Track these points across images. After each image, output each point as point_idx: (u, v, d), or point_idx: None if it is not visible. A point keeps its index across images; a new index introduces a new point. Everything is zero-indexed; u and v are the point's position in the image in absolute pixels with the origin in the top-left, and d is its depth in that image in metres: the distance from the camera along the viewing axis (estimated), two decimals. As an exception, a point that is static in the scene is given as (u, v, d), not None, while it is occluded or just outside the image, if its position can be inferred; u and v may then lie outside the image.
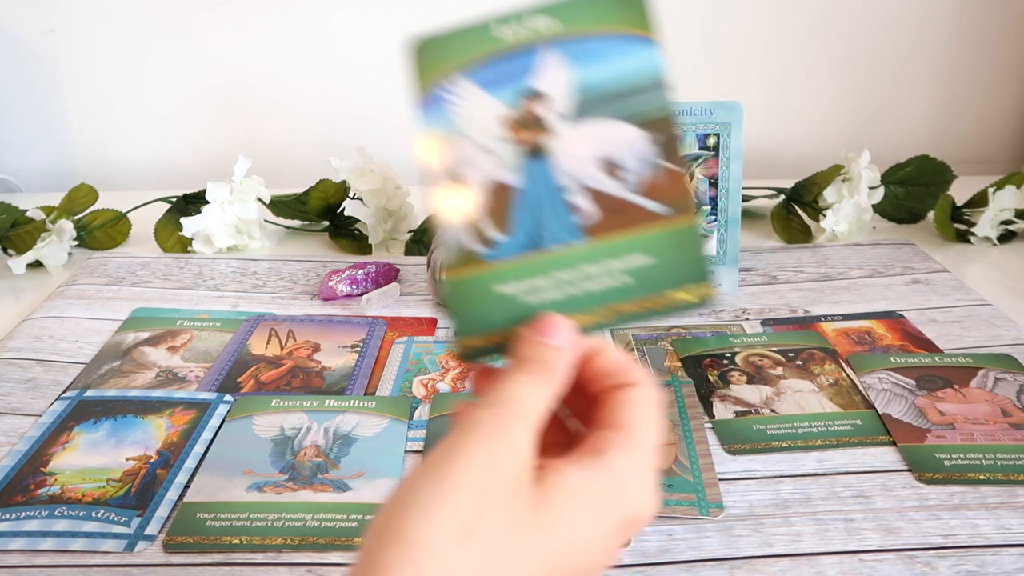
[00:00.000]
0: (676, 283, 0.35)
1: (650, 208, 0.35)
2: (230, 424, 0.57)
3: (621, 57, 0.35)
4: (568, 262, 0.35)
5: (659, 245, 0.35)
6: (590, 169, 0.35)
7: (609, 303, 0.35)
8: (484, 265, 0.35)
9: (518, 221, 0.35)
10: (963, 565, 0.45)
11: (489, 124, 0.35)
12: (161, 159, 1.09)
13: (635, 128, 0.35)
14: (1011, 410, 0.57)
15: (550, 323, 0.33)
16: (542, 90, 0.35)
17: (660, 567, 0.45)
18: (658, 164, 0.35)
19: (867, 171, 0.85)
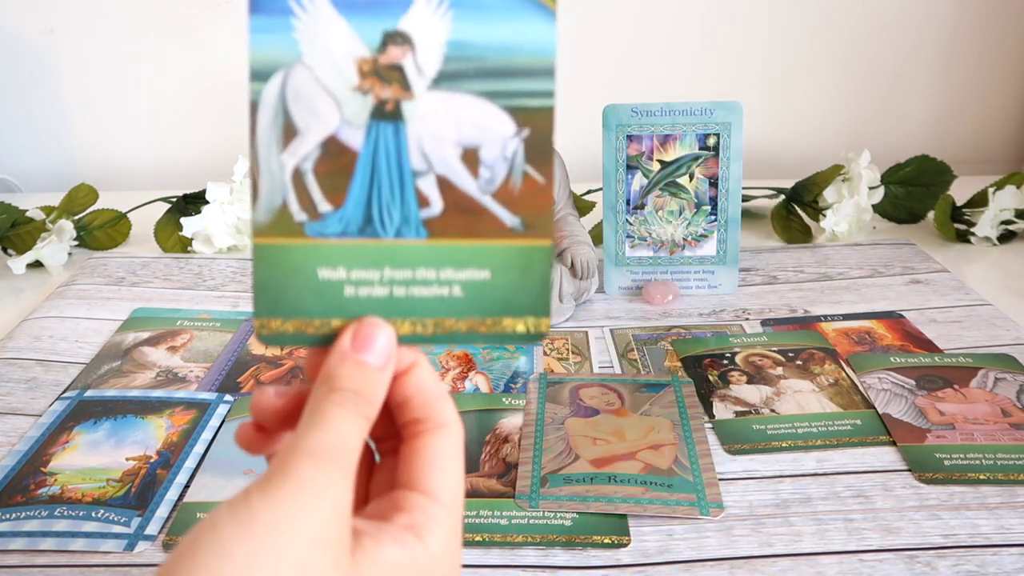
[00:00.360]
0: (511, 309, 0.31)
1: (502, 218, 0.30)
2: (230, 424, 0.57)
3: (511, 21, 0.30)
4: (403, 260, 0.30)
5: (503, 262, 0.30)
6: (447, 154, 0.30)
7: (436, 316, 0.30)
8: (305, 238, 0.30)
9: (353, 194, 0.30)
10: (963, 565, 0.45)
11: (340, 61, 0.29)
12: (161, 159, 1.09)
13: (508, 117, 0.30)
14: (1011, 410, 0.57)
15: (370, 333, 0.30)
16: (411, 36, 0.29)
17: (660, 567, 0.45)
18: (522, 168, 0.30)
19: (867, 171, 0.85)
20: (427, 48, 0.29)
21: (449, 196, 0.30)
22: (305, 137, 0.30)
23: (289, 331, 0.30)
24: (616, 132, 0.73)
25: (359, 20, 0.29)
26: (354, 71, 0.29)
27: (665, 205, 0.74)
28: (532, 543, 0.47)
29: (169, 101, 1.07)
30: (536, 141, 0.30)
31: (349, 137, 0.30)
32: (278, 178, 0.30)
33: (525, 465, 0.52)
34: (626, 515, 0.48)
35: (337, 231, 0.30)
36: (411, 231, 0.30)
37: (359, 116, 0.30)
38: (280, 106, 0.29)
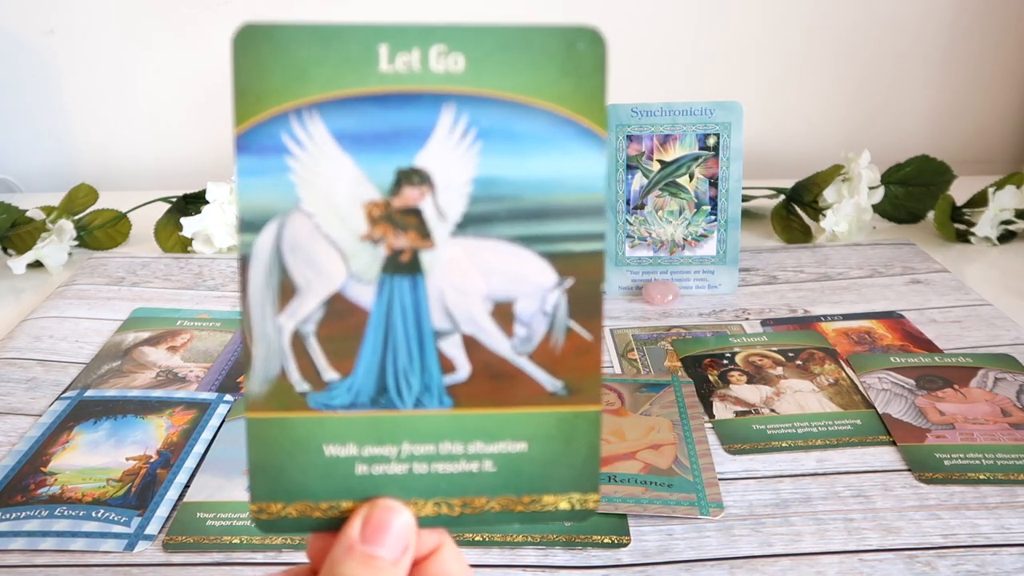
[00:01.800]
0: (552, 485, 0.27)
1: (541, 382, 0.26)
2: (230, 424, 0.57)
3: (551, 152, 0.25)
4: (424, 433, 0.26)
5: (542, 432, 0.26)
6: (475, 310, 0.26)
7: (464, 494, 0.26)
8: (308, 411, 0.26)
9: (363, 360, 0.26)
10: (963, 565, 0.45)
11: (345, 206, 0.25)
12: (161, 159, 1.09)
13: (547, 265, 0.26)
14: (1011, 410, 0.57)
15: (383, 520, 0.26)
16: (430, 174, 0.25)
17: (660, 567, 0.45)
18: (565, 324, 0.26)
19: (867, 171, 0.85)
20: (449, 188, 0.25)
21: (478, 359, 0.26)
22: (305, 296, 0.26)
23: (292, 515, 0.26)
24: (616, 132, 0.73)
25: (368, 157, 0.25)
26: (362, 217, 0.25)
27: (665, 205, 0.74)
28: (532, 543, 0.47)
29: (169, 101, 1.07)
30: (582, 292, 0.26)
31: (358, 294, 0.26)
32: (275, 344, 0.26)
33: (525, 465, 0.52)
34: (626, 515, 0.48)
35: (345, 403, 0.26)
36: (433, 400, 0.26)
37: (369, 270, 0.25)
38: (275, 261, 0.25)
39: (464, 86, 0.24)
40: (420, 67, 0.24)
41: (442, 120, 0.24)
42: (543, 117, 0.25)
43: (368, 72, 0.24)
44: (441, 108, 0.24)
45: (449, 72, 0.24)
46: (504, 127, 0.25)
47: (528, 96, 0.25)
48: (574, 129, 0.25)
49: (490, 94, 0.25)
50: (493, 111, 0.25)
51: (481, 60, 0.24)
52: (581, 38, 0.25)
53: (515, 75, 0.24)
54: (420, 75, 0.24)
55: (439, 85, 0.24)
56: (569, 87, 0.25)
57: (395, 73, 0.24)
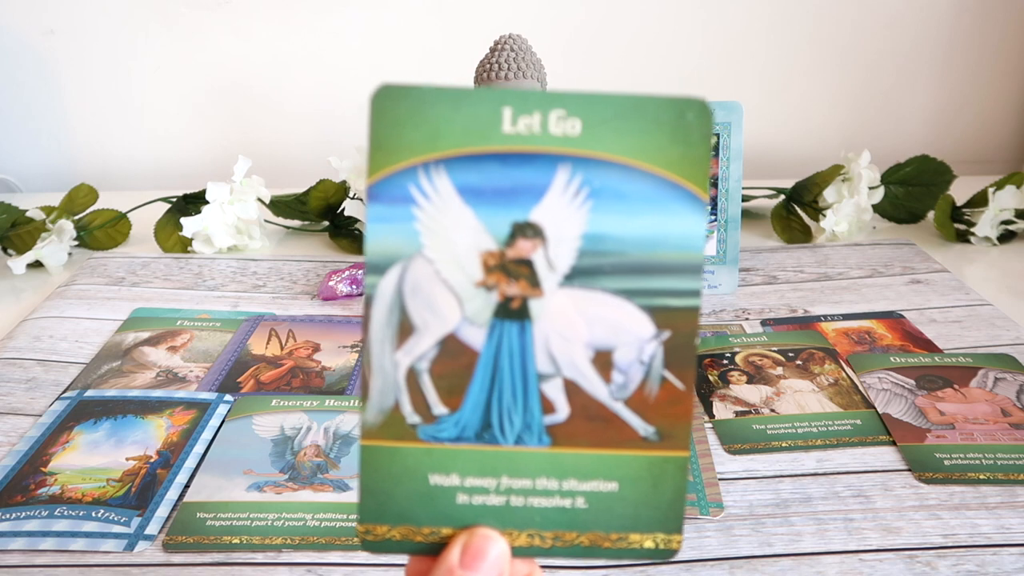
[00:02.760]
0: (639, 524, 0.28)
1: (635, 427, 0.28)
2: (230, 424, 0.57)
3: (656, 212, 0.27)
4: (522, 468, 0.28)
5: (632, 474, 0.28)
6: (577, 356, 0.28)
7: (556, 528, 0.28)
8: (417, 442, 0.28)
9: (471, 397, 0.28)
10: (963, 565, 0.45)
11: (463, 254, 0.27)
12: (161, 159, 1.09)
13: (646, 317, 0.27)
14: (1011, 410, 0.57)
15: (481, 548, 0.27)
16: (543, 228, 0.27)
17: (660, 567, 0.45)
18: (660, 374, 0.28)
19: (867, 171, 0.85)
20: (560, 242, 0.27)
21: (576, 402, 0.28)
22: (422, 335, 0.28)
23: (396, 538, 0.28)
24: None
25: (487, 210, 0.27)
26: (478, 265, 0.27)
27: (665, 205, 0.74)
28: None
29: (169, 101, 1.07)
30: (677, 344, 0.27)
31: (470, 336, 0.28)
32: (391, 378, 0.28)
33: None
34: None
35: (452, 436, 0.28)
36: (533, 438, 0.28)
37: (482, 314, 0.27)
38: (397, 301, 0.27)
39: (579, 148, 0.26)
40: (540, 130, 0.26)
41: (557, 179, 0.26)
42: (651, 180, 0.27)
43: (493, 133, 0.26)
44: (557, 168, 0.26)
45: (566, 135, 0.26)
46: (614, 188, 0.26)
47: (638, 160, 0.26)
48: (678, 192, 0.27)
49: (603, 157, 0.26)
50: (605, 172, 0.26)
51: (596, 125, 0.26)
52: (691, 108, 0.26)
53: (627, 140, 0.26)
54: (540, 137, 0.26)
55: (556, 147, 0.26)
56: (677, 154, 0.26)
57: (517, 134, 0.26)
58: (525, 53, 0.69)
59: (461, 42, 0.93)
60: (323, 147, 0.99)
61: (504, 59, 0.68)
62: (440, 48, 1.03)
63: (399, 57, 1.04)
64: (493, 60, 0.69)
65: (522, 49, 0.69)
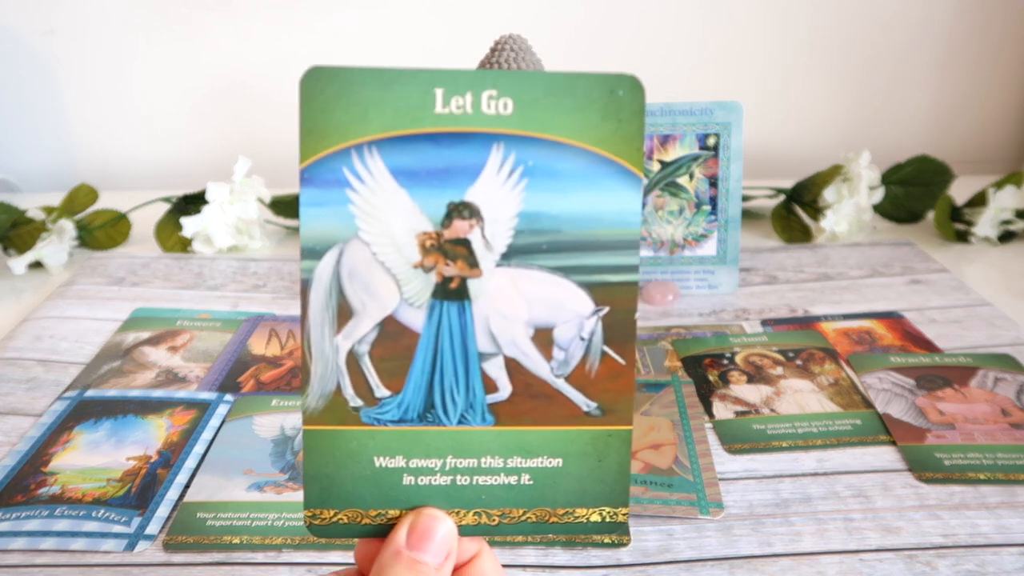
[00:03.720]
0: (587, 500, 0.28)
1: (577, 403, 0.28)
2: (230, 424, 0.57)
3: (591, 189, 0.27)
4: (468, 448, 0.28)
5: (576, 449, 0.28)
6: (517, 335, 0.28)
7: (503, 506, 0.28)
8: (360, 425, 0.28)
9: (413, 378, 0.28)
10: (963, 565, 0.45)
11: (400, 236, 0.27)
12: (161, 159, 1.09)
13: (585, 294, 0.28)
14: (1011, 410, 0.57)
15: (427, 528, 0.28)
16: (479, 208, 0.27)
17: (660, 567, 0.45)
18: (601, 349, 0.28)
19: (867, 171, 0.85)
20: (496, 221, 0.27)
21: (518, 380, 0.28)
22: (361, 319, 0.28)
23: (343, 521, 0.28)
24: (616, 132, 0.73)
25: (422, 192, 0.27)
26: (415, 247, 0.27)
27: (665, 205, 0.74)
28: (532, 543, 0.47)
29: (169, 101, 1.07)
30: (616, 320, 0.28)
31: (409, 318, 0.28)
32: (331, 362, 0.28)
33: (525, 465, 0.52)
34: (626, 515, 0.48)
35: (395, 418, 0.28)
36: (476, 418, 0.28)
37: (420, 295, 0.28)
38: (334, 285, 0.27)
39: (512, 128, 0.26)
40: (472, 110, 0.26)
41: (491, 159, 0.27)
42: (584, 157, 0.27)
43: (424, 114, 0.26)
44: (491, 147, 0.26)
45: (499, 115, 0.26)
46: (548, 166, 0.27)
47: (571, 138, 0.27)
48: (612, 168, 0.27)
49: (536, 135, 0.27)
50: (538, 151, 0.27)
51: (529, 104, 0.26)
52: (621, 85, 0.26)
53: (560, 118, 0.26)
54: (472, 117, 0.26)
55: (489, 127, 0.26)
56: (609, 130, 0.27)
57: (449, 115, 0.26)
58: (525, 53, 0.69)
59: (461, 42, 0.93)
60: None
61: (504, 59, 0.68)
62: (440, 48, 1.03)
63: (399, 57, 1.04)
64: (493, 60, 0.69)
65: (522, 49, 0.69)
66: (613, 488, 0.28)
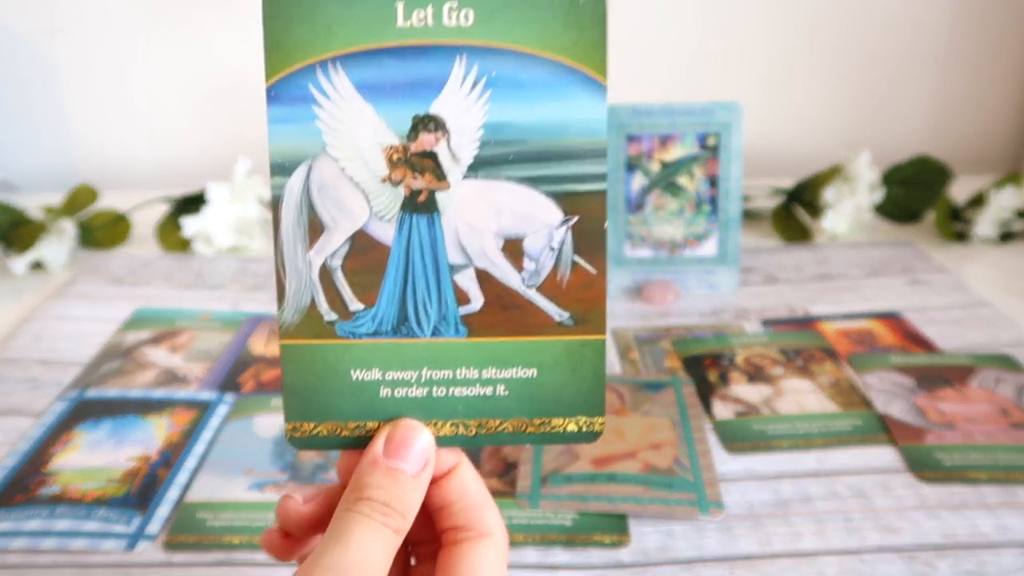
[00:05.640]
0: (561, 408, 0.28)
1: (549, 313, 0.28)
2: (231, 424, 0.57)
3: (555, 99, 0.27)
4: (442, 359, 0.28)
5: (550, 359, 0.28)
6: (487, 246, 0.28)
7: (479, 416, 0.28)
8: (336, 339, 0.28)
9: (385, 292, 0.28)
10: (963, 564, 0.45)
11: (367, 151, 0.27)
12: (161, 159, 1.09)
13: (553, 204, 0.28)
14: (1011, 410, 0.57)
15: (405, 438, 0.28)
16: (444, 120, 0.27)
17: (660, 566, 0.45)
18: (571, 259, 0.28)
19: (867, 171, 0.85)
20: (462, 133, 0.27)
21: (490, 291, 0.28)
22: (332, 233, 0.28)
23: (323, 434, 0.29)
24: (616, 132, 0.73)
25: (387, 106, 0.27)
26: (383, 161, 0.27)
27: (665, 205, 0.74)
28: (532, 542, 0.47)
29: (170, 101, 1.07)
30: (586, 229, 0.28)
31: (379, 231, 0.28)
32: (305, 277, 0.28)
33: (525, 464, 0.52)
34: (626, 515, 0.48)
35: (370, 331, 0.28)
36: (449, 329, 0.28)
37: (390, 209, 0.28)
38: (304, 201, 0.28)
39: (474, 39, 0.26)
40: (434, 22, 0.26)
41: (455, 71, 0.27)
42: (548, 67, 0.27)
43: (387, 28, 0.26)
44: (454, 59, 0.27)
45: (460, 26, 0.26)
46: (511, 77, 0.27)
47: (534, 48, 0.27)
48: (576, 77, 0.27)
49: (498, 46, 0.27)
50: (501, 62, 0.27)
51: (490, 15, 0.26)
52: None
53: (521, 28, 0.27)
54: (434, 29, 0.26)
55: (451, 38, 0.26)
56: (571, 38, 0.27)
57: (411, 28, 0.26)
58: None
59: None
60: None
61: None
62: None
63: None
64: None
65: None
66: (588, 397, 0.28)
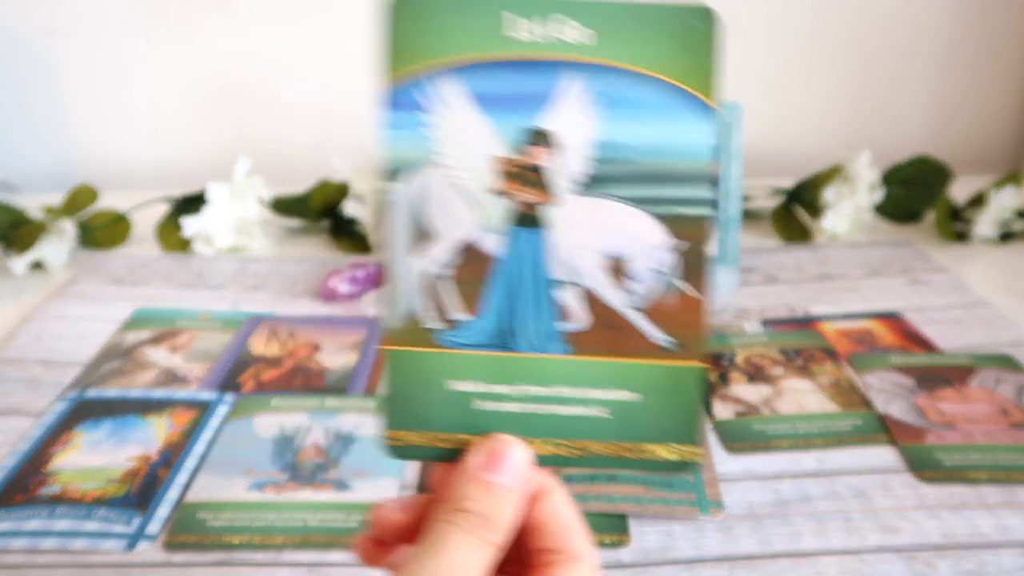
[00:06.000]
0: (659, 435, 0.28)
1: (651, 336, 0.28)
2: (231, 424, 0.57)
3: (667, 120, 0.27)
4: (541, 376, 0.28)
5: (650, 384, 0.28)
6: (592, 264, 0.28)
7: (576, 437, 0.28)
8: (437, 347, 0.28)
9: (491, 303, 0.28)
10: (963, 564, 0.45)
11: (478, 161, 0.27)
12: (161, 159, 1.09)
13: (659, 227, 0.28)
14: (1011, 410, 0.57)
15: (502, 452, 0.27)
16: (556, 135, 0.27)
17: (660, 566, 0.45)
18: (675, 283, 0.28)
19: (867, 171, 0.85)
20: (571, 148, 0.27)
21: (593, 310, 0.28)
22: (439, 242, 0.28)
23: (420, 444, 0.28)
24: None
25: (500, 117, 0.27)
26: (493, 172, 0.28)
27: (665, 205, 0.74)
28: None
29: (170, 101, 1.07)
30: (691, 254, 0.28)
31: (486, 242, 0.28)
32: (410, 284, 0.28)
33: (525, 465, 0.52)
34: (626, 515, 0.48)
35: (470, 341, 0.28)
36: (551, 346, 0.28)
37: (497, 221, 0.28)
38: (413, 209, 0.28)
39: (589, 56, 0.27)
40: (550, 37, 0.27)
41: (568, 86, 0.27)
42: (659, 87, 0.27)
43: (504, 39, 0.27)
44: (568, 75, 0.27)
45: (576, 42, 0.27)
46: (623, 95, 0.27)
47: (647, 68, 0.27)
48: (687, 99, 0.27)
49: (612, 64, 0.27)
50: (614, 80, 0.27)
51: (605, 33, 0.27)
52: (696, 16, 0.27)
53: (637, 48, 0.27)
54: (550, 44, 0.27)
55: (567, 54, 0.27)
56: (683, 60, 0.27)
57: (528, 41, 0.27)
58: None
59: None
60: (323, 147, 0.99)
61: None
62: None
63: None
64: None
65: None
66: (685, 425, 0.28)
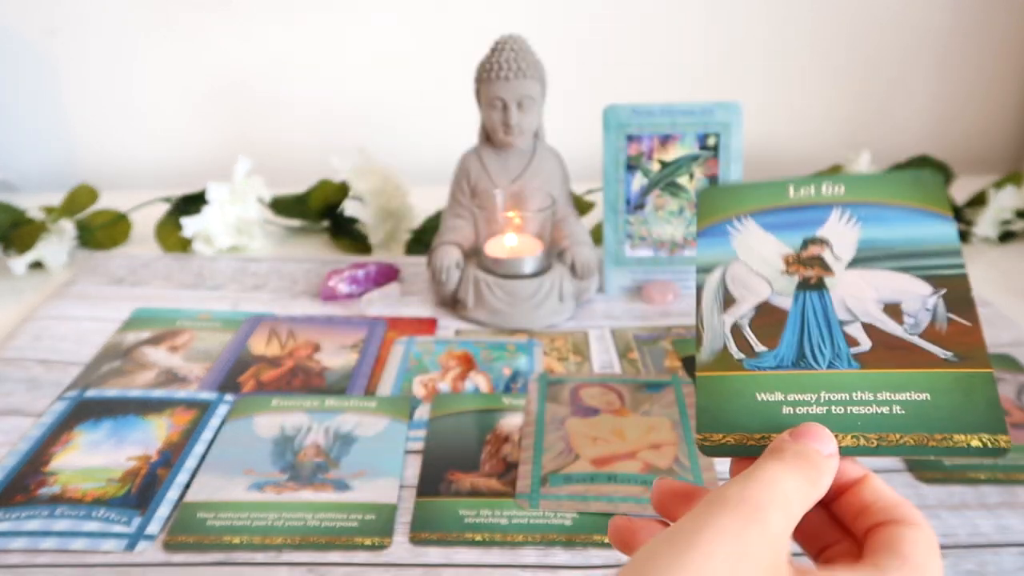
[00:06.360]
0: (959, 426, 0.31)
1: (934, 352, 0.32)
2: (231, 424, 0.57)
3: (912, 226, 0.35)
4: (838, 385, 0.32)
5: (941, 386, 0.31)
6: (870, 307, 0.34)
7: (878, 431, 0.31)
8: (743, 371, 0.34)
9: (785, 338, 0.34)
10: (963, 564, 0.45)
11: (769, 257, 0.36)
12: (161, 159, 1.09)
13: (923, 282, 0.34)
14: (1011, 410, 0.57)
15: (815, 431, 0.30)
16: (828, 239, 0.36)
17: (660, 567, 0.45)
18: (946, 316, 0.33)
19: (867, 171, 0.85)
20: (842, 245, 0.35)
21: (876, 337, 0.33)
22: (742, 303, 0.35)
23: (731, 443, 0.32)
24: (616, 132, 0.73)
25: (784, 234, 0.36)
26: (781, 262, 0.36)
27: (665, 205, 0.74)
28: (532, 543, 0.47)
29: (170, 101, 1.07)
30: (954, 297, 0.33)
31: (779, 302, 0.35)
32: (719, 330, 0.35)
33: (525, 465, 0.52)
34: (626, 515, 0.48)
35: (772, 365, 0.33)
36: (843, 363, 0.33)
37: (787, 288, 0.35)
38: (721, 285, 0.36)
39: (845, 199, 0.37)
40: (815, 193, 0.37)
41: (833, 213, 0.36)
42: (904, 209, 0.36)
43: (783, 198, 0.37)
44: (832, 208, 0.36)
45: (834, 195, 0.37)
46: (876, 215, 0.36)
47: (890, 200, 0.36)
48: (927, 214, 0.35)
49: (864, 201, 0.36)
50: (868, 208, 0.36)
51: (855, 187, 0.37)
52: (926, 175, 0.37)
53: (879, 191, 0.36)
54: (815, 197, 0.37)
55: (828, 200, 0.37)
56: (919, 195, 0.36)
57: (800, 197, 0.37)
58: (525, 53, 0.69)
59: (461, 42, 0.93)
60: (323, 147, 0.99)
61: (504, 59, 0.68)
62: (440, 48, 1.04)
63: (399, 57, 1.04)
64: (493, 60, 0.69)
65: (522, 49, 0.69)
66: (987, 418, 0.31)
